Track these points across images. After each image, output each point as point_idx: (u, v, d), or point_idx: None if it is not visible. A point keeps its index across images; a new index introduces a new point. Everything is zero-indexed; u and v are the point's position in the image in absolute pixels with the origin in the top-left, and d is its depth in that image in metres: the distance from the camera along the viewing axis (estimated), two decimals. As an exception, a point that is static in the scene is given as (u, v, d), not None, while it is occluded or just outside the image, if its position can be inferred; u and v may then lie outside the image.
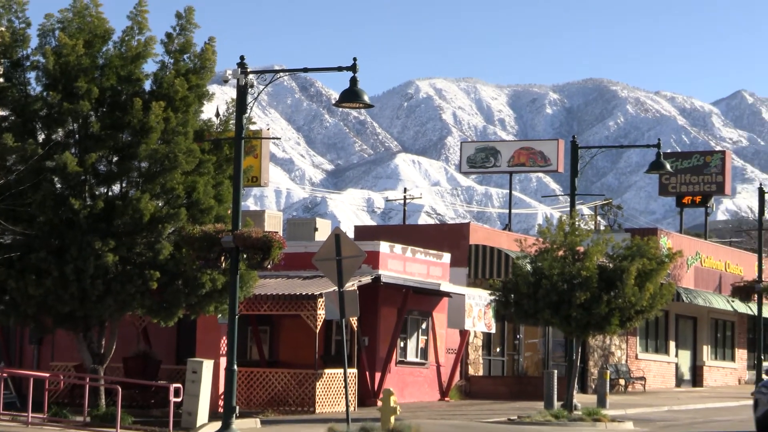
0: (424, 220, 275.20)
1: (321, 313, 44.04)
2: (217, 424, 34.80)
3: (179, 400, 36.06)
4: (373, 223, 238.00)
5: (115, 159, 35.85)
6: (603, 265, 45.29)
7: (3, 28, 35.79)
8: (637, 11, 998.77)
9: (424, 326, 52.56)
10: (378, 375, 48.70)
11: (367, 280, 46.29)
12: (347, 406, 35.07)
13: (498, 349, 60.04)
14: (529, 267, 46.04)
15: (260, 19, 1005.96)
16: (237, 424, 34.46)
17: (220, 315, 38.64)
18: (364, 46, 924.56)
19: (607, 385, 51.03)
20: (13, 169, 34.25)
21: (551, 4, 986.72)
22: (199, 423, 35.87)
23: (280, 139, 50.30)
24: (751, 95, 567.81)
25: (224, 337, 39.98)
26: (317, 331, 45.30)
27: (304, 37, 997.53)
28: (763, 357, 68.38)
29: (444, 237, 58.75)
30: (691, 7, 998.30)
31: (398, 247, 50.28)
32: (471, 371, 57.15)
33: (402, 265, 49.93)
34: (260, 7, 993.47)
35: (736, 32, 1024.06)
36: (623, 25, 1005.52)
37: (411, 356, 51.91)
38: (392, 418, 33.56)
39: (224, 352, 39.59)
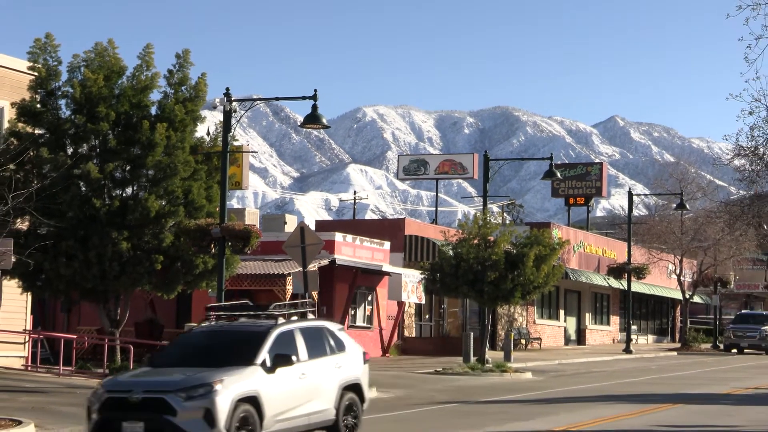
0: (369, 216, 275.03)
1: (289, 288, 44.01)
2: (208, 375, 34.66)
3: (178, 356, 35.92)
4: (330, 218, 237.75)
5: (128, 168, 35.63)
6: (508, 250, 45.47)
7: (40, 65, 35.57)
8: (536, 49, 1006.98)
9: (369, 298, 52.62)
10: (334, 336, 48.66)
11: (325, 262, 46.29)
12: (310, 360, 34.98)
13: (427, 316, 60.16)
14: (451, 252, 46.17)
15: (240, 54, 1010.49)
16: (223, 374, 34.35)
17: (210, 290, 38.52)
18: (323, 80, 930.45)
19: (512, 344, 51.20)
20: (47, 176, 34.02)
21: (468, 47, 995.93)
22: (193, 374, 35.70)
23: (257, 152, 50.35)
24: (623, 119, 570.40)
25: (213, 307, 39.88)
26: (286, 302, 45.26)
27: (275, 70, 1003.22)
28: (631, 322, 68.90)
29: (385, 229, 58.84)
30: (576, 45, 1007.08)
31: (349, 237, 50.30)
32: (406, 333, 57.24)
33: (352, 251, 49.96)
34: (240, 44, 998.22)
35: (611, 68, 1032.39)
36: (525, 62, 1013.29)
37: (360, 321, 51.97)
38: (345, 370, 33.48)
39: (213, 319, 39.46)
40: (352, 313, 51.06)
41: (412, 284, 52.82)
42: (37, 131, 35.46)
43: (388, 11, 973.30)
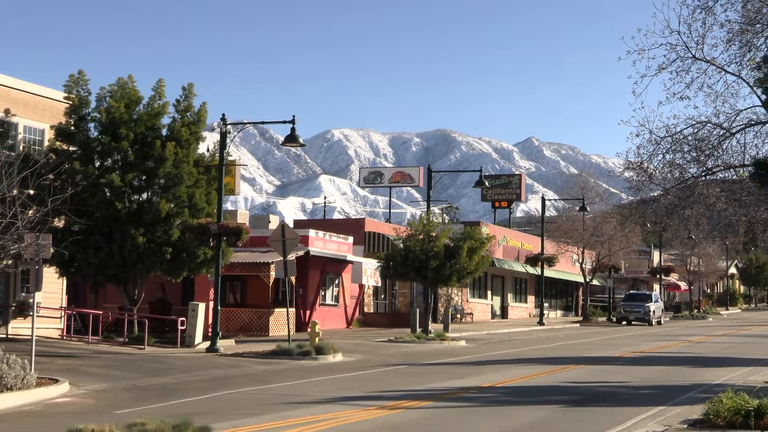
0: (336, 216, 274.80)
1: (272, 274, 43.95)
2: (207, 343, 34.67)
3: (184, 328, 35.88)
4: (305, 218, 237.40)
5: (143, 178, 35.54)
6: (447, 244, 45.61)
7: (74, 96, 35.42)
8: (469, 82, 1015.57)
9: (336, 282, 52.59)
10: (308, 312, 48.68)
11: (301, 253, 46.27)
12: (288, 331, 35.05)
13: (382, 296, 60.21)
14: (401, 245, 46.25)
15: (234, 86, 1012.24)
16: (220, 342, 34.38)
17: (209, 275, 38.46)
18: (300, 107, 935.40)
19: (449, 318, 51.30)
20: (79, 184, 33.90)
21: (415, 80, 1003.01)
22: (196, 342, 35.64)
23: (247, 165, 50.31)
24: (537, 140, 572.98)
25: (212, 289, 39.78)
26: (270, 284, 45.21)
27: (262, 99, 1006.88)
28: (544, 300, 69.22)
29: (349, 227, 58.84)
30: (501, 80, 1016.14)
31: (320, 233, 50.28)
32: (366, 310, 57.28)
33: (323, 244, 49.96)
34: (234, 78, 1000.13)
35: (528, 97, 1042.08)
36: (461, 93, 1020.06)
37: (329, 300, 51.92)
38: (317, 339, 33.62)
39: (212, 298, 39.34)
40: (323, 293, 51.04)
41: (370, 270, 52.88)
42: (71, 148, 35.32)
43: (352, 53, 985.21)
